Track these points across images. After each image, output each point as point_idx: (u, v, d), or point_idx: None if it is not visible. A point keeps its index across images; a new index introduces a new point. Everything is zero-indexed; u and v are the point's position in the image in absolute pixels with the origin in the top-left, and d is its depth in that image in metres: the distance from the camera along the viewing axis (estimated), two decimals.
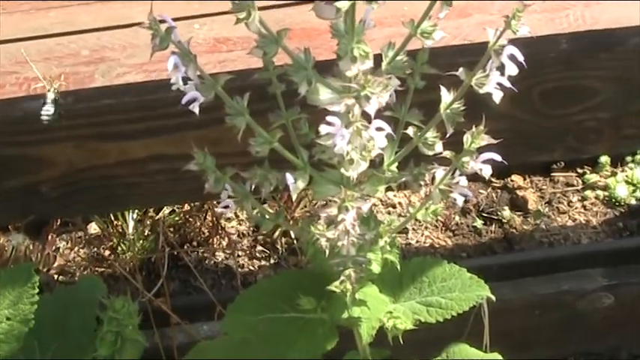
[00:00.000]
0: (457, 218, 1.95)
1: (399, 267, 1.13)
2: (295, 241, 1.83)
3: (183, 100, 0.97)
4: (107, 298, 1.33)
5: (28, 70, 1.82)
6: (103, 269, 1.83)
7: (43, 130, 1.37)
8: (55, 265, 1.78)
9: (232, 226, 1.89)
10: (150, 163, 1.43)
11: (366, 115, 0.89)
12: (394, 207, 1.94)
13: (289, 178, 0.98)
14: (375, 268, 1.10)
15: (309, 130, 1.04)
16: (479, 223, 1.96)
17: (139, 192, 1.47)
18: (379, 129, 0.86)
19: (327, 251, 1.01)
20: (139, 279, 1.65)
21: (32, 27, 1.93)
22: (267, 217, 1.09)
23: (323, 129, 0.87)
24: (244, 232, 1.90)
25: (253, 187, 1.07)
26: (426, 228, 1.90)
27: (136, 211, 1.82)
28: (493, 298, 1.22)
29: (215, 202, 1.81)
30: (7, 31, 1.77)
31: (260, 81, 1.03)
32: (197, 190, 1.48)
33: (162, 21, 0.98)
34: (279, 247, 1.86)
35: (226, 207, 1.07)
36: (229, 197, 1.07)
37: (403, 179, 0.99)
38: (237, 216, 1.91)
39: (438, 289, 1.23)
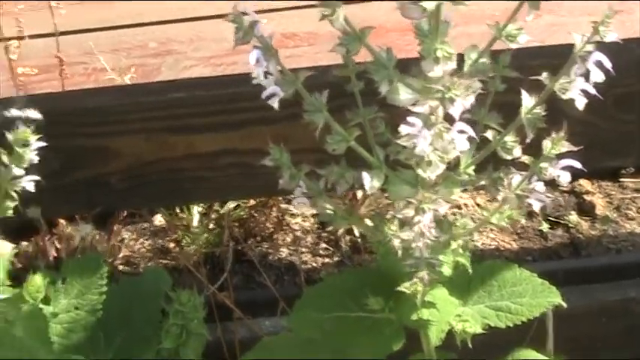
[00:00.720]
0: (523, 221, 1.92)
1: (470, 270, 1.12)
2: (359, 240, 1.82)
3: (264, 95, 0.96)
4: (173, 291, 1.33)
5: (95, 61, 1.84)
6: (167, 261, 1.83)
7: (113, 122, 1.39)
8: (120, 255, 1.79)
9: (296, 223, 1.88)
10: (219, 158, 1.43)
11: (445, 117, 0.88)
12: (459, 208, 1.92)
13: (365, 177, 0.97)
14: (446, 270, 1.08)
15: (385, 129, 1.04)
16: (545, 227, 1.93)
17: (206, 186, 1.47)
18: (461, 132, 0.85)
19: (400, 252, 1.00)
20: (203, 272, 1.65)
21: (100, 18, 1.95)
22: (339, 215, 1.08)
23: (403, 129, 0.86)
24: (308, 228, 1.90)
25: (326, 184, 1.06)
26: (491, 230, 1.88)
27: (201, 204, 1.83)
28: (564, 305, 1.20)
29: (281, 198, 1.82)
30: (75, 22, 1.79)
31: (336, 78, 1.03)
32: (265, 186, 1.49)
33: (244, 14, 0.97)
34: (342, 244, 1.85)
35: (300, 204, 1.06)
36: (303, 194, 1.06)
37: (481, 183, 0.97)
38: (301, 213, 1.90)
39: (508, 293, 1.21)
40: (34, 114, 1.12)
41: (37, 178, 1.10)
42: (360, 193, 1.76)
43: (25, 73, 1.60)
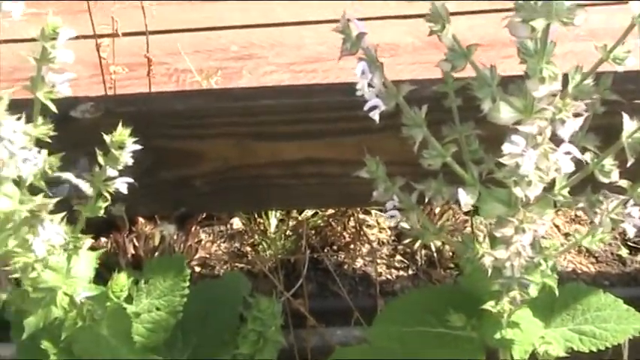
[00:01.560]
0: (601, 245, 1.90)
1: (557, 292, 1.11)
2: (435, 254, 1.82)
3: (366, 107, 0.96)
4: (252, 297, 1.33)
5: (178, 62, 1.86)
6: (242, 265, 1.84)
7: (202, 126, 1.40)
8: (197, 257, 1.80)
9: (373, 234, 1.88)
10: (302, 166, 1.43)
11: None
12: None
13: (462, 193, 0.97)
14: (532, 291, 1.07)
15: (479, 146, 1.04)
16: (624, 251, 1.91)
17: (288, 193, 1.48)
18: (567, 153, 0.84)
19: (490, 270, 1.00)
20: (279, 278, 1.66)
21: (184, 19, 1.97)
22: (430, 230, 1.08)
23: (506, 148, 0.85)
24: (384, 240, 1.90)
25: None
26: (569, 252, 1.86)
27: (280, 210, 1.83)
28: None
29: (358, 209, 1.82)
30: (160, 23, 1.81)
31: (432, 92, 1.03)
32: (345, 196, 1.49)
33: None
34: (418, 258, 1.84)
35: (392, 216, 1.06)
36: (395, 208, 1.06)
37: (579, 205, 0.96)
38: (378, 224, 1.90)
39: (592, 318, 1.20)
40: None
41: (131, 180, 1.11)
42: (437, 208, 1.76)
43: (117, 71, 1.61)
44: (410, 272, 1.83)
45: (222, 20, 1.99)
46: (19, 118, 0.88)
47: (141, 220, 1.75)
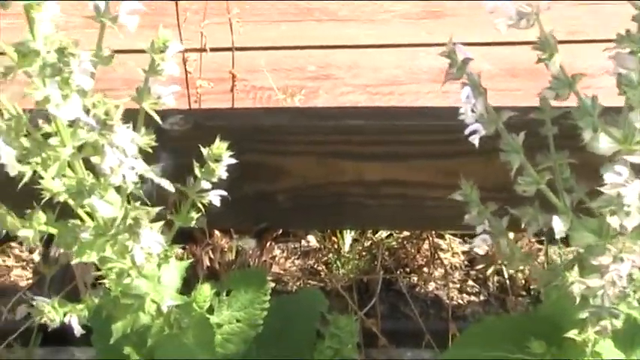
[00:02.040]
0: None
1: None
2: (507, 281, 1.82)
3: (467, 131, 0.97)
4: (329, 314, 1.35)
5: (256, 79, 1.89)
6: (315, 283, 1.86)
7: (288, 142, 1.42)
8: (270, 272, 1.82)
9: (446, 258, 1.89)
10: (383, 187, 1.45)
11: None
12: None
13: (556, 221, 0.97)
14: (617, 322, 1.08)
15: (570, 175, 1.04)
16: None
17: (368, 213, 1.50)
18: None
19: (578, 299, 1.00)
20: (353, 297, 1.67)
21: (264, 38, 2.00)
22: (518, 256, 1.08)
23: (609, 178, 0.86)
24: (457, 265, 1.90)
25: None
26: None
27: (354, 230, 1.85)
28: None
29: (433, 232, 1.83)
30: (239, 40, 1.84)
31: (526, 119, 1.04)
32: (424, 218, 1.50)
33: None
34: (490, 284, 1.85)
35: (482, 240, 1.07)
36: (485, 232, 1.07)
37: None
38: (451, 248, 1.91)
39: None
40: None
41: (224, 192, 1.13)
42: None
43: (202, 86, 1.64)
44: (481, 298, 1.83)
45: (301, 40, 2.01)
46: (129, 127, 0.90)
47: (217, 233, 1.77)
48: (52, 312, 1.05)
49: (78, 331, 1.09)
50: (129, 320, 1.13)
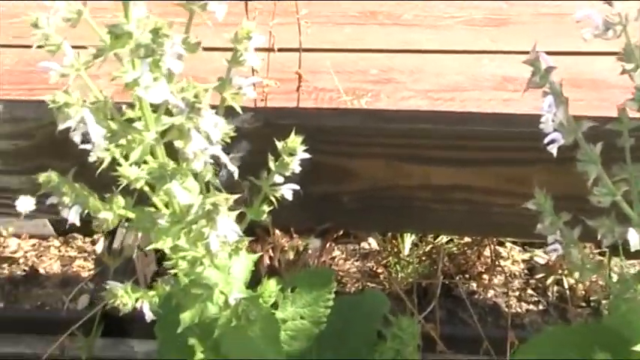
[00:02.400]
0: None
1: None
2: (567, 291, 1.81)
3: (545, 140, 0.97)
4: (392, 315, 1.35)
5: (317, 80, 1.89)
6: (374, 285, 1.86)
7: (356, 144, 1.42)
8: None
9: (505, 265, 1.89)
10: (450, 192, 1.45)
11: None
12: None
13: (633, 233, 0.97)
14: None
15: None
16: None
17: (432, 217, 1.49)
18: None
19: None
20: (412, 301, 1.67)
21: (326, 39, 2.01)
22: (589, 267, 1.08)
23: None
24: (516, 273, 1.90)
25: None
26: None
27: (417, 234, 1.85)
28: None
29: (494, 240, 1.82)
30: (306, 41, 1.84)
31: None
32: (488, 225, 1.50)
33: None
34: (549, 293, 1.84)
35: (552, 250, 1.07)
36: (557, 242, 1.07)
37: None
38: (511, 256, 1.90)
39: None
40: None
41: (297, 186, 1.13)
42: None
43: (269, 85, 1.65)
44: (540, 307, 1.83)
45: (364, 43, 2.01)
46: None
47: (277, 232, 1.78)
48: (125, 296, 1.06)
49: (149, 316, 1.10)
50: (197, 310, 1.14)
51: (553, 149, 0.98)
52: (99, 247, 2.02)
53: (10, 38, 2.02)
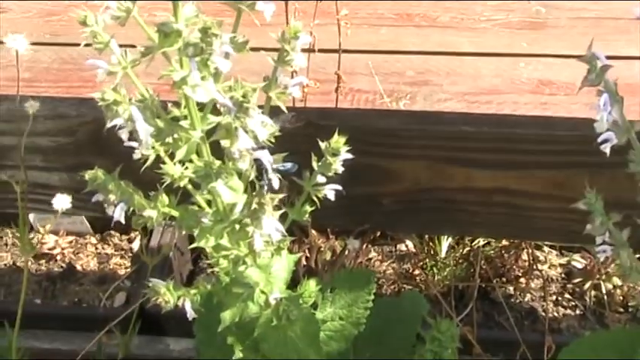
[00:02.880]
0: None
1: None
2: (605, 296, 1.80)
3: (599, 139, 0.97)
4: (432, 318, 1.35)
5: (353, 81, 1.89)
6: (410, 287, 1.86)
7: (398, 145, 1.42)
8: None
9: (542, 270, 1.88)
10: (492, 194, 1.44)
11: None
12: None
13: None
14: None
15: None
16: None
17: (473, 220, 1.49)
18: None
19: None
20: (450, 303, 1.67)
21: (363, 41, 2.00)
22: (636, 269, 1.07)
23: None
24: (554, 277, 1.89)
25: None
26: None
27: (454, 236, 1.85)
28: None
29: (532, 244, 1.81)
30: (345, 43, 1.84)
31: None
32: (527, 229, 1.49)
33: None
34: (587, 298, 1.83)
35: (601, 252, 1.06)
36: (604, 243, 1.06)
37: None
38: (548, 260, 1.89)
39: None
40: None
41: (339, 187, 1.13)
42: None
43: (309, 85, 1.65)
44: (577, 312, 1.81)
45: (400, 45, 2.01)
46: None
47: (313, 232, 1.78)
48: (167, 294, 1.06)
49: (191, 314, 1.10)
50: (238, 309, 1.14)
51: (606, 149, 0.98)
52: (135, 245, 2.02)
53: (46, 36, 2.04)
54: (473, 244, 1.85)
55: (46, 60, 1.96)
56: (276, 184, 1.03)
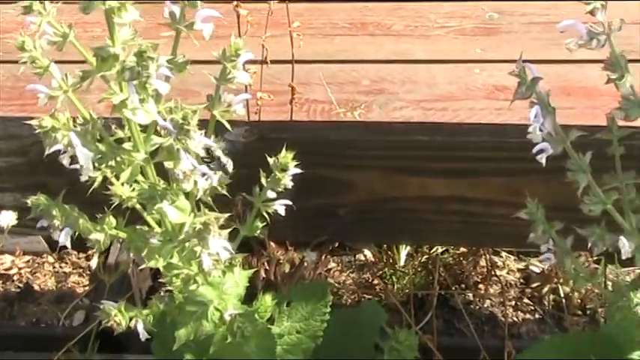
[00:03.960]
0: None
1: None
2: (563, 300, 1.80)
3: (534, 150, 0.97)
4: (390, 327, 1.34)
5: (309, 92, 1.88)
6: (370, 296, 1.86)
7: (353, 157, 1.42)
8: None
9: (501, 275, 1.88)
10: (448, 203, 1.44)
11: None
12: None
13: (624, 242, 0.97)
14: None
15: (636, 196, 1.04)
16: None
17: (429, 228, 1.49)
18: None
19: None
20: (409, 312, 1.67)
21: (317, 52, 1.99)
22: (583, 276, 1.08)
23: None
24: (512, 282, 1.89)
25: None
26: None
27: (412, 245, 1.85)
28: None
29: (490, 250, 1.82)
30: (297, 53, 1.83)
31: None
32: (484, 235, 1.50)
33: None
34: (545, 302, 1.83)
35: (545, 259, 1.07)
36: (549, 250, 1.07)
37: None
38: (506, 265, 1.90)
39: None
40: None
41: (289, 202, 1.13)
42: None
43: (263, 98, 1.64)
44: (537, 316, 1.82)
45: (355, 54, 2.00)
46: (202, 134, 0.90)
47: (272, 244, 1.77)
48: (119, 316, 1.06)
49: (143, 335, 1.09)
50: (192, 327, 1.13)
51: (542, 159, 0.98)
52: (93, 263, 2.01)
53: (0, 54, 2.02)
54: (431, 251, 1.85)
55: (0, 78, 1.94)
56: (230, 168, 1.02)
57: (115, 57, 0.80)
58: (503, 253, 1.91)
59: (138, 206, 0.99)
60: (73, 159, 0.89)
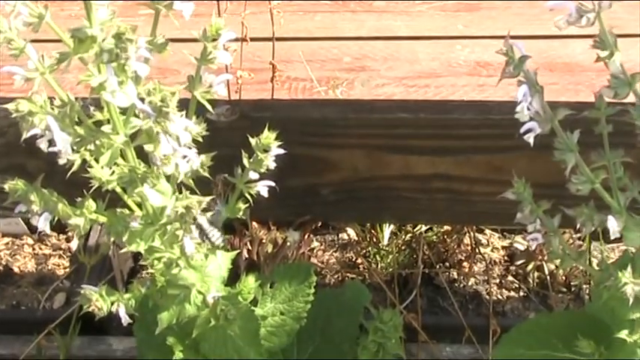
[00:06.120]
0: None
1: None
2: (548, 277, 1.80)
3: (522, 130, 0.95)
4: (374, 307, 1.34)
5: (290, 70, 1.86)
6: (353, 276, 1.85)
7: (335, 135, 1.40)
8: None
9: (485, 253, 1.87)
10: (432, 181, 1.43)
11: None
12: None
13: (612, 221, 0.96)
14: None
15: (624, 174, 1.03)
16: None
17: (414, 207, 1.48)
18: None
19: (631, 299, 0.99)
20: (393, 291, 1.66)
21: (298, 28, 1.98)
22: (570, 255, 1.07)
23: None
24: (497, 260, 1.89)
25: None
26: None
27: (397, 224, 1.84)
28: None
29: (474, 228, 1.81)
30: (278, 30, 1.81)
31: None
32: (469, 214, 1.49)
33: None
34: (530, 280, 1.83)
35: (533, 239, 1.06)
36: (537, 230, 1.05)
37: None
38: (490, 243, 1.89)
39: None
40: None
41: (272, 183, 1.12)
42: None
43: (243, 76, 1.62)
44: (521, 294, 1.82)
45: (336, 31, 1.99)
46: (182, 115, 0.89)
47: (255, 224, 1.76)
48: (100, 300, 1.04)
49: (125, 320, 1.08)
50: (175, 311, 1.12)
51: (530, 138, 0.97)
52: (74, 245, 1.99)
53: None
54: (415, 230, 1.84)
55: None
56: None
57: (93, 39, 0.78)
58: (488, 231, 1.91)
59: (118, 189, 0.97)
60: (51, 142, 0.87)
